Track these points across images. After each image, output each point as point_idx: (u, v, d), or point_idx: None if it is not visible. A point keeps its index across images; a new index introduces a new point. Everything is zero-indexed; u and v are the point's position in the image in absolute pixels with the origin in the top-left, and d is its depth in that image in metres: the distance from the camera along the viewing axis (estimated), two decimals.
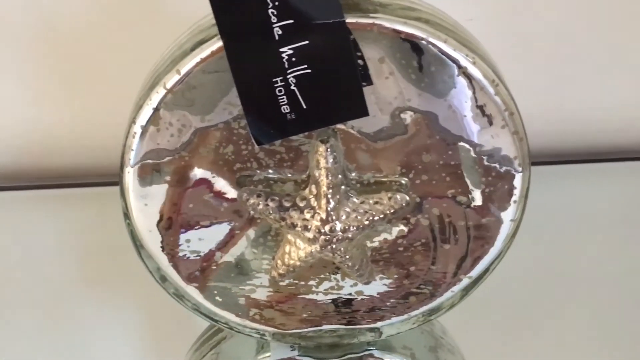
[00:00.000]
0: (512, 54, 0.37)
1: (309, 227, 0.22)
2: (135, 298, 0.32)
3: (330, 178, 0.21)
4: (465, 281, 0.24)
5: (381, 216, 0.22)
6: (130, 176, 0.22)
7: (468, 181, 0.23)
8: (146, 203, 0.22)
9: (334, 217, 0.22)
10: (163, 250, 0.23)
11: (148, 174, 0.22)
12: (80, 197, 0.39)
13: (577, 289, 0.32)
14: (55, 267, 0.34)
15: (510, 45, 0.37)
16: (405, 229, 0.23)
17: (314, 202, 0.22)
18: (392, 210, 0.22)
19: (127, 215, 0.23)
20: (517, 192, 0.23)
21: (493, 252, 0.24)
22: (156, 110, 0.21)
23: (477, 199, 0.23)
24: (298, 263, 0.23)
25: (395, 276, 0.24)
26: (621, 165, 0.40)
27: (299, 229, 0.22)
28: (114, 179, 0.37)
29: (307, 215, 0.22)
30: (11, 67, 0.37)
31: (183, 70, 0.21)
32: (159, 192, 0.22)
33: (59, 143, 0.38)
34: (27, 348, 0.29)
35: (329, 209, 0.22)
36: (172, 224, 0.23)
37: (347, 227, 0.22)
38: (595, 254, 0.34)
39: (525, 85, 0.38)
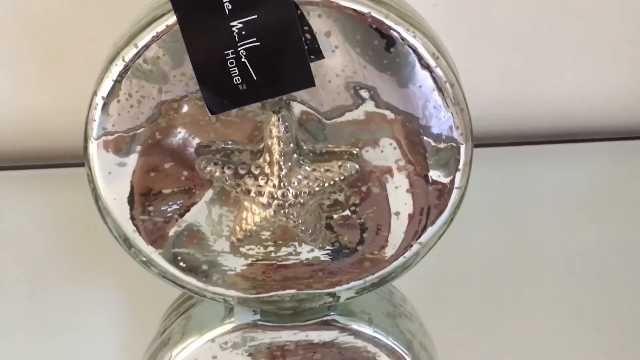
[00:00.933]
0: (475, 37, 0.38)
1: (263, 192, 0.23)
2: (112, 274, 0.33)
3: (282, 146, 0.23)
4: (416, 247, 0.26)
5: (331, 183, 0.23)
6: (93, 146, 0.23)
7: (415, 151, 0.24)
8: (110, 171, 0.24)
9: (285, 184, 0.23)
10: (128, 218, 0.25)
11: (110, 144, 0.23)
12: (57, 178, 0.39)
13: (547, 268, 0.32)
14: (34, 245, 0.35)
15: (472, 29, 0.38)
16: (358, 197, 0.25)
17: (267, 170, 0.23)
18: (342, 177, 0.23)
19: (92, 183, 0.24)
20: (461, 161, 0.24)
21: (442, 218, 0.25)
22: (116, 82, 0.22)
23: (424, 168, 0.24)
24: (254, 228, 0.24)
25: (350, 242, 0.25)
26: (584, 146, 0.42)
27: (253, 194, 0.23)
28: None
29: (261, 182, 0.23)
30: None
31: (140, 44, 0.22)
32: (122, 161, 0.23)
33: (37, 124, 0.40)
34: (7, 325, 0.30)
35: (281, 175, 0.23)
36: (134, 192, 0.24)
37: (298, 193, 0.23)
38: (562, 233, 0.35)
39: (489, 68, 0.40)
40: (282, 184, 0.23)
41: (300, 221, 0.24)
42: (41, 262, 0.34)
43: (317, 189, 0.23)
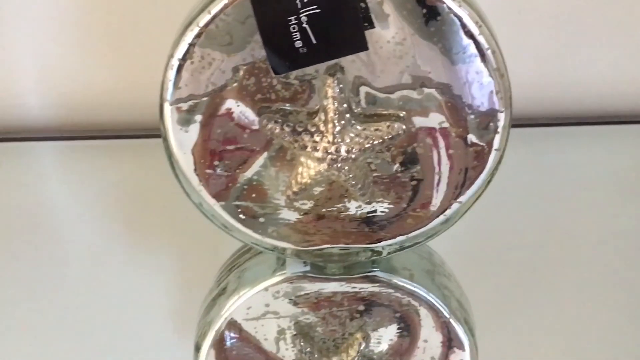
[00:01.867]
0: (512, 19, 0.39)
1: (318, 148, 0.25)
2: (171, 238, 0.35)
3: (336, 105, 0.25)
4: (455, 206, 0.28)
5: (380, 141, 0.26)
6: (167, 105, 0.26)
7: (457, 114, 0.26)
8: (182, 128, 0.26)
9: (339, 140, 0.25)
10: (195, 172, 0.27)
11: (184, 102, 0.26)
12: (123, 148, 0.42)
13: (582, 248, 0.33)
14: (99, 212, 0.37)
15: (510, 9, 0.39)
16: (403, 157, 0.27)
17: (322, 127, 0.25)
18: (389, 136, 0.26)
19: (165, 140, 0.27)
20: (500, 124, 0.26)
21: (480, 179, 0.27)
22: (191, 45, 0.25)
23: (466, 130, 0.26)
24: (309, 181, 0.26)
25: (394, 199, 0.28)
26: (621, 127, 0.43)
27: (309, 149, 0.26)
28: (155, 132, 0.42)
29: (317, 138, 0.25)
30: (63, 28, 0.40)
31: (213, 11, 0.25)
32: (193, 118, 0.26)
33: (104, 98, 0.42)
34: (66, 288, 0.32)
35: (335, 132, 0.25)
36: (202, 148, 0.27)
37: (350, 149, 0.26)
38: (597, 214, 0.36)
39: (524, 50, 0.41)
40: (335, 140, 0.25)
41: (350, 175, 0.26)
42: (103, 225, 0.36)
43: (367, 145, 0.26)
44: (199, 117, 0.26)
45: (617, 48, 0.41)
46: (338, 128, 0.25)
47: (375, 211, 0.28)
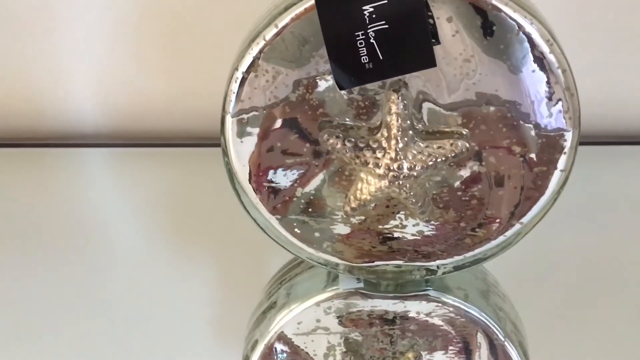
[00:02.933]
0: (569, 35, 0.39)
1: (380, 164, 0.25)
2: (217, 249, 0.35)
3: (399, 122, 0.25)
4: (517, 227, 0.27)
5: (443, 159, 0.25)
6: (229, 117, 0.26)
7: (523, 133, 0.25)
8: (242, 141, 0.26)
9: (401, 157, 0.25)
10: (252, 184, 0.27)
11: (246, 114, 0.26)
12: (172, 156, 0.42)
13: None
14: (145, 219, 0.37)
15: (569, 25, 0.39)
16: (464, 175, 0.26)
17: (384, 143, 0.25)
18: (452, 155, 0.25)
19: (225, 152, 0.27)
20: (567, 145, 0.26)
21: (544, 200, 0.27)
22: (256, 58, 0.25)
23: (531, 149, 0.26)
24: (368, 198, 0.26)
25: (453, 218, 0.27)
26: None
27: (370, 166, 0.25)
28: (207, 142, 0.42)
29: (379, 154, 0.25)
30: (113, 35, 0.40)
31: (280, 24, 0.24)
32: (254, 131, 0.26)
33: (157, 107, 0.43)
34: (113, 295, 0.32)
35: (397, 149, 0.25)
36: (261, 161, 0.27)
37: (412, 166, 0.25)
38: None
39: (583, 66, 0.40)
40: (398, 157, 0.25)
41: (412, 193, 0.26)
42: (151, 233, 0.37)
43: (429, 163, 0.25)
44: (259, 130, 0.26)
45: None
46: (401, 145, 0.25)
47: (433, 229, 0.27)
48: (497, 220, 0.27)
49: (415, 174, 0.25)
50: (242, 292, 0.33)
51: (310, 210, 0.27)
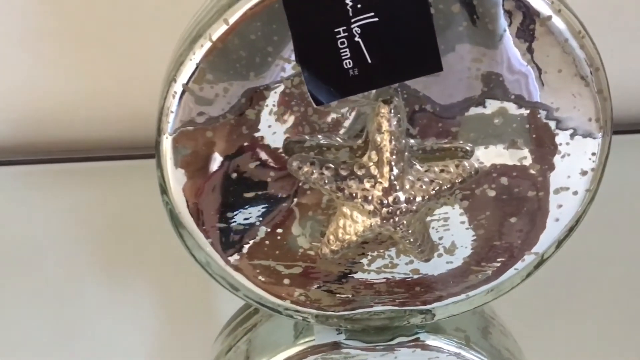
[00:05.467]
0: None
1: (370, 197, 0.20)
2: (155, 281, 0.30)
3: (393, 143, 0.19)
4: (530, 258, 0.23)
5: (448, 185, 0.20)
6: (168, 143, 0.20)
7: (542, 147, 0.20)
8: (185, 172, 0.20)
9: (397, 187, 0.20)
10: (203, 226, 0.21)
11: (189, 139, 0.20)
12: (91, 172, 0.37)
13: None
14: (67, 247, 0.32)
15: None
16: (469, 200, 0.21)
17: (374, 170, 0.20)
18: (460, 179, 0.20)
19: (163, 188, 0.21)
20: (595, 159, 0.21)
21: (563, 225, 0.22)
22: (200, 65, 0.19)
23: (551, 167, 0.21)
24: (354, 238, 0.21)
25: (455, 252, 0.22)
26: None
27: (358, 200, 0.20)
28: (127, 152, 0.36)
29: (367, 185, 0.20)
30: (15, 30, 0.34)
31: (231, 20, 0.18)
32: (200, 160, 0.20)
33: (67, 113, 0.36)
34: (36, 331, 0.28)
35: (392, 177, 0.19)
36: (214, 197, 0.21)
37: (411, 198, 0.20)
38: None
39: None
40: (393, 188, 0.19)
41: (409, 231, 0.20)
42: (74, 265, 0.31)
43: (432, 192, 0.20)
44: (207, 158, 0.20)
45: None
46: (395, 172, 0.19)
47: (429, 266, 0.22)
48: (507, 252, 0.22)
49: (414, 207, 0.20)
50: (189, 341, 0.27)
51: (277, 253, 0.22)
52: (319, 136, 0.20)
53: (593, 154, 0.21)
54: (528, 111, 0.20)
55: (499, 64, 0.19)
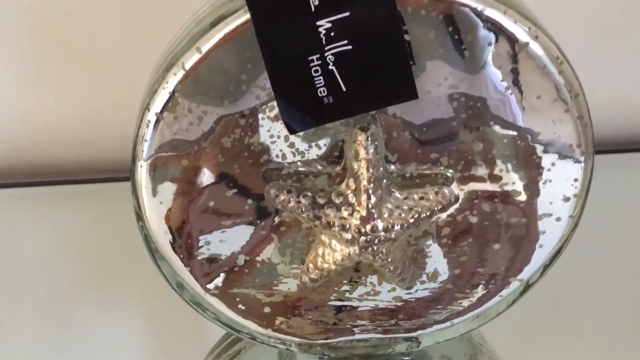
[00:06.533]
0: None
1: (348, 226, 0.19)
2: (141, 305, 0.30)
3: (371, 171, 0.19)
4: (515, 284, 0.22)
5: (428, 213, 0.20)
6: (143, 171, 0.19)
7: (524, 173, 0.20)
8: (161, 201, 0.20)
9: (375, 215, 0.19)
10: (180, 254, 0.21)
11: (163, 168, 0.19)
12: (79, 194, 0.36)
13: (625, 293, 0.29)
14: (55, 270, 0.32)
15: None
16: (451, 227, 0.21)
17: (352, 198, 0.19)
18: (439, 207, 0.20)
19: (139, 215, 0.20)
20: (578, 185, 0.20)
21: (547, 251, 0.22)
22: (173, 94, 0.18)
23: (533, 193, 0.20)
24: (333, 267, 0.20)
25: (438, 279, 0.22)
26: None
27: (335, 228, 0.19)
28: (114, 175, 0.36)
29: (345, 213, 0.19)
30: (3, 54, 0.34)
31: (204, 48, 0.18)
32: (176, 187, 0.20)
33: (55, 136, 0.36)
34: (25, 353, 0.27)
35: (369, 205, 0.19)
36: (190, 225, 0.20)
37: (390, 226, 0.19)
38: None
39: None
40: (370, 216, 0.19)
41: (389, 259, 0.20)
42: (62, 288, 0.31)
43: (411, 220, 0.19)
44: (183, 186, 0.20)
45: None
46: (373, 200, 0.19)
47: (413, 293, 0.22)
48: (492, 278, 0.22)
49: (393, 235, 0.20)
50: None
51: (256, 281, 0.22)
52: (298, 163, 0.20)
53: (575, 179, 0.20)
54: (509, 137, 0.19)
55: (479, 89, 0.19)
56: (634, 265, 0.31)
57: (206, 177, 0.20)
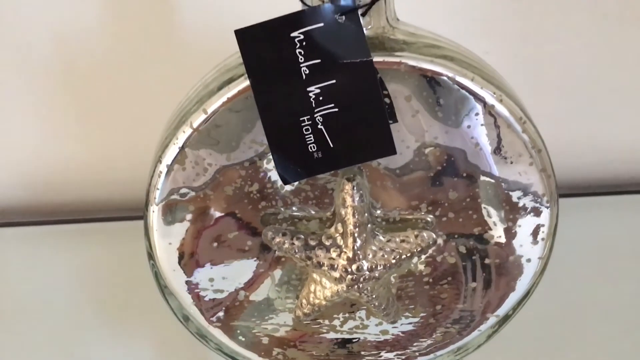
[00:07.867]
0: (525, 84, 0.37)
1: (336, 266, 0.21)
2: (150, 336, 0.32)
3: (356, 217, 0.21)
4: (492, 320, 0.24)
5: (408, 254, 0.22)
6: (155, 215, 0.22)
7: (495, 218, 0.22)
8: (170, 242, 0.22)
9: (360, 256, 0.21)
10: (187, 290, 0.23)
11: (172, 212, 0.22)
12: (95, 232, 0.38)
13: (605, 326, 0.31)
14: (71, 305, 0.33)
15: (525, 78, 0.37)
16: (431, 267, 0.23)
17: (340, 241, 0.22)
18: (419, 249, 0.22)
19: (150, 254, 0.23)
20: (545, 230, 0.23)
21: (521, 290, 0.24)
22: (182, 149, 0.21)
23: (505, 236, 0.23)
24: (324, 302, 0.22)
25: (422, 315, 0.24)
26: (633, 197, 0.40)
27: (325, 268, 0.22)
28: (129, 214, 0.38)
29: (334, 254, 0.22)
30: (28, 101, 0.37)
31: (210, 110, 0.21)
32: (183, 230, 0.22)
33: (74, 178, 0.38)
34: None
35: (355, 247, 0.21)
36: (196, 263, 0.23)
37: (374, 266, 0.22)
38: (621, 288, 0.33)
39: (539, 116, 0.38)
40: (356, 257, 0.21)
41: (374, 296, 0.22)
42: (78, 322, 0.32)
43: (393, 261, 0.22)
44: (190, 229, 0.22)
45: (634, 112, 0.38)
46: (359, 242, 0.21)
47: (398, 328, 0.24)
48: (471, 314, 0.24)
49: (377, 274, 0.22)
50: None
51: (256, 314, 0.24)
52: (293, 208, 0.22)
53: (542, 225, 0.22)
54: (481, 186, 0.22)
55: (454, 142, 0.21)
56: (605, 301, 0.32)
57: (210, 220, 0.22)
